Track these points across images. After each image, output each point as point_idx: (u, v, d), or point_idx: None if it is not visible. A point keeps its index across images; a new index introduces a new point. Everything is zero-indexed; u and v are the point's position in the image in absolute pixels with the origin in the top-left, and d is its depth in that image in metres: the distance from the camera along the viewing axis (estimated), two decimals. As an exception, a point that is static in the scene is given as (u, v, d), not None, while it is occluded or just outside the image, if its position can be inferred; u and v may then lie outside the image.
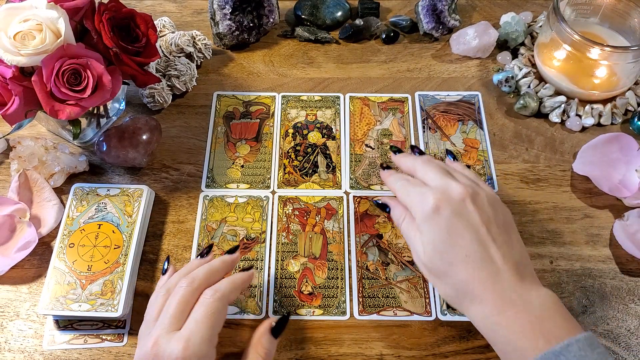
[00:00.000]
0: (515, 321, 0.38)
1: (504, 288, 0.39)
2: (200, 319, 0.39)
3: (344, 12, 0.69)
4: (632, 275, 0.51)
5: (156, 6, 0.73)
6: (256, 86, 0.64)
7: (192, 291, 0.40)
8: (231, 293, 0.41)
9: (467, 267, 0.40)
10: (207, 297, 0.40)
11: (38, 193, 0.55)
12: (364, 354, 0.47)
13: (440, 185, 0.43)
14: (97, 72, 0.47)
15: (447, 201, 0.41)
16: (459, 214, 0.41)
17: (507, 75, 0.62)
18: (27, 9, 0.46)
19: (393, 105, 0.62)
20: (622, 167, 0.56)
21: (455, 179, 0.44)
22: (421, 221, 0.42)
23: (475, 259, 0.40)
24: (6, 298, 0.50)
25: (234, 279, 0.42)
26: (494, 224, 0.41)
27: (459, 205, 0.41)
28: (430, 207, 0.41)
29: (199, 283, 0.41)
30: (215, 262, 0.44)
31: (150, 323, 0.40)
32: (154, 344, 0.38)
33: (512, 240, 0.42)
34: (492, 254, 0.40)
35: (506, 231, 0.42)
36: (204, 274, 0.42)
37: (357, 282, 0.51)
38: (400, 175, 0.48)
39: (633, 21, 0.61)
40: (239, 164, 0.58)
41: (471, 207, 0.41)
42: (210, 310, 0.39)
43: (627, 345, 0.47)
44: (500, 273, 0.39)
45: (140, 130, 0.55)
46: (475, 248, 0.40)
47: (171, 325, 0.39)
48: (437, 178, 0.44)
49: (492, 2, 0.73)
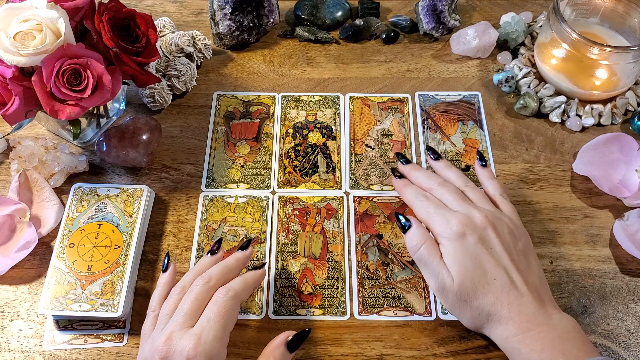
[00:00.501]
0: (537, 340, 0.40)
1: (529, 311, 0.41)
2: (212, 317, 0.39)
3: (344, 12, 0.69)
4: (632, 275, 0.51)
5: (156, 6, 0.73)
6: (256, 86, 0.64)
7: (207, 289, 0.41)
8: (244, 292, 0.42)
9: (494, 290, 0.42)
10: (221, 295, 0.41)
11: (38, 193, 0.55)
12: (364, 354, 0.47)
13: (463, 211, 0.45)
14: (97, 72, 0.47)
15: (471, 228, 0.43)
16: (483, 240, 0.43)
17: (507, 75, 0.62)
18: (27, 9, 0.46)
19: (393, 105, 0.62)
20: (622, 167, 0.56)
21: (475, 206, 0.45)
22: (448, 244, 0.43)
23: (501, 283, 0.42)
24: (6, 298, 0.50)
25: (247, 278, 0.43)
26: (514, 250, 0.44)
27: (483, 232, 0.43)
28: (456, 232, 0.43)
29: (215, 282, 0.42)
30: (229, 260, 0.44)
31: (163, 319, 0.41)
32: (167, 339, 0.38)
33: (531, 265, 0.44)
34: (515, 279, 0.42)
35: (526, 257, 0.44)
36: (219, 272, 0.43)
37: (357, 282, 0.51)
38: (417, 189, 0.49)
39: (633, 21, 0.61)
40: (239, 164, 0.58)
41: (493, 235, 0.43)
42: (223, 309, 0.40)
43: (627, 345, 0.47)
44: (523, 297, 0.42)
45: (140, 130, 0.55)
46: (500, 273, 0.42)
47: (185, 322, 0.39)
48: (456, 204, 0.46)
49: (492, 2, 0.73)
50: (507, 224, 0.45)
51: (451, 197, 0.47)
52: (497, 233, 0.44)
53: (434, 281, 0.44)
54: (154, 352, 0.38)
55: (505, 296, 0.41)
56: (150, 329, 0.42)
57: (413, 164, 0.52)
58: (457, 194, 0.47)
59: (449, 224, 0.44)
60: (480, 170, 0.51)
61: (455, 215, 0.44)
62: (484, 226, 0.44)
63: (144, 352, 0.40)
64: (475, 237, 0.43)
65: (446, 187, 0.48)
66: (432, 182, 0.49)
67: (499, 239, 0.43)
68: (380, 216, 0.54)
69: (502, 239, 0.44)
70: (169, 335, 0.38)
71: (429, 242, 0.44)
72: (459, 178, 0.50)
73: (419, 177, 0.50)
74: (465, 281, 0.42)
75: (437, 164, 0.52)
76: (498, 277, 0.42)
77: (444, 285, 0.43)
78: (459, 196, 0.47)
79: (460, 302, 0.43)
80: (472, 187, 0.49)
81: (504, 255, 0.43)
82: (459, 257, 0.43)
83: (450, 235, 0.43)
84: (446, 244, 0.43)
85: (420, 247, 0.44)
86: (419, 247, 0.44)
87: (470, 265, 0.42)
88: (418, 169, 0.51)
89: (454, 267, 0.42)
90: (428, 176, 0.50)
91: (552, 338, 0.39)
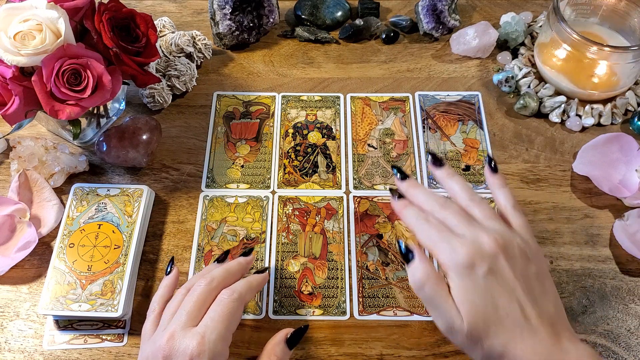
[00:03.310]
0: None
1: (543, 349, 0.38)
2: (216, 317, 0.40)
3: (344, 12, 0.69)
4: (632, 275, 0.51)
5: (156, 6, 0.73)
6: (256, 86, 0.64)
7: (209, 290, 0.41)
8: (247, 294, 0.42)
9: (506, 328, 0.38)
10: (225, 296, 0.41)
11: (38, 193, 0.55)
12: (364, 354, 0.47)
13: (470, 237, 0.40)
14: (97, 72, 0.47)
15: (480, 257, 0.39)
16: (494, 271, 0.39)
17: (507, 75, 0.62)
18: (27, 9, 0.46)
19: (394, 104, 0.62)
20: (622, 167, 0.56)
21: (483, 228, 0.41)
22: (455, 278, 0.39)
23: (514, 319, 0.38)
24: (6, 298, 0.50)
25: (250, 280, 0.43)
26: (527, 277, 0.40)
27: (493, 261, 0.39)
28: (464, 263, 0.39)
29: (217, 283, 0.42)
30: (231, 264, 0.45)
31: (165, 320, 0.41)
32: (169, 338, 0.38)
33: (546, 291, 0.40)
34: (528, 313, 0.38)
35: (540, 282, 0.40)
36: (221, 274, 0.43)
37: (357, 282, 0.51)
38: (417, 212, 0.43)
39: (633, 21, 0.61)
40: (239, 164, 0.58)
41: (504, 262, 0.39)
42: (227, 309, 0.40)
43: (627, 345, 0.47)
44: (537, 333, 0.38)
45: (140, 130, 0.55)
46: (513, 307, 0.38)
47: (188, 321, 0.39)
48: (462, 227, 0.41)
49: (492, 2, 0.73)
50: (519, 246, 0.40)
51: (455, 220, 0.42)
52: (509, 259, 0.39)
53: (442, 321, 0.39)
54: (157, 351, 0.38)
55: (518, 334, 0.38)
56: (151, 330, 0.42)
57: (411, 181, 0.46)
58: (461, 216, 0.42)
59: (456, 254, 0.39)
60: (490, 177, 0.45)
61: (462, 242, 0.39)
62: (494, 253, 0.39)
63: (145, 352, 0.40)
64: (485, 267, 0.38)
65: (449, 208, 0.43)
66: (434, 204, 0.44)
67: (510, 266, 0.39)
68: (380, 216, 0.54)
69: (514, 265, 0.39)
70: (171, 334, 0.39)
71: (434, 279, 0.40)
72: (463, 189, 0.45)
73: (419, 197, 0.45)
74: (476, 321, 0.38)
75: (439, 173, 0.47)
76: (510, 312, 0.38)
77: (453, 326, 0.39)
78: (463, 218, 0.42)
79: (471, 343, 0.39)
80: (478, 202, 0.44)
81: (516, 285, 0.39)
82: (469, 293, 0.38)
83: (458, 267, 0.39)
84: (454, 277, 0.39)
85: (424, 285, 0.39)
86: (423, 286, 0.40)
87: (481, 303, 0.38)
88: (417, 186, 0.46)
89: (463, 305, 0.38)
90: (428, 196, 0.44)
91: None
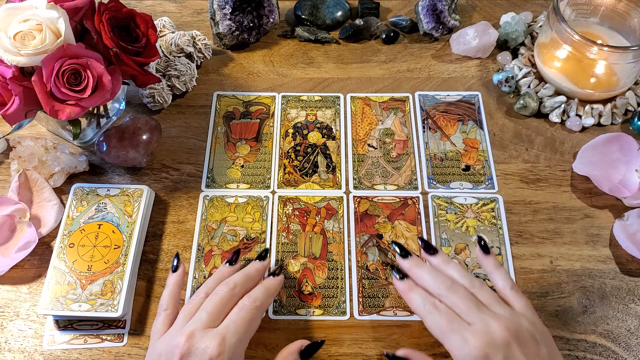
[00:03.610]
0: None
1: None
2: (238, 321, 0.40)
3: (344, 12, 0.69)
4: (632, 275, 0.51)
5: (156, 6, 0.73)
6: (256, 86, 0.64)
7: (231, 296, 0.42)
8: (266, 302, 0.44)
9: None
10: (247, 303, 0.42)
11: (38, 193, 0.55)
12: (364, 354, 0.47)
13: (480, 326, 0.39)
14: (97, 72, 0.47)
15: (494, 347, 0.38)
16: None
17: (507, 75, 0.62)
18: (27, 9, 0.46)
19: (394, 104, 0.62)
20: (622, 167, 0.56)
21: (492, 315, 0.40)
22: None
23: None
24: (6, 298, 0.50)
25: (268, 287, 0.44)
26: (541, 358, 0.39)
27: (506, 350, 0.38)
28: (477, 355, 0.38)
29: (239, 289, 0.43)
30: (250, 269, 0.45)
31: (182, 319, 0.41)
32: (188, 337, 0.39)
33: None
34: None
35: None
36: (242, 280, 0.44)
37: (357, 282, 0.51)
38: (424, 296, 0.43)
39: (633, 21, 0.61)
40: (239, 164, 0.58)
41: (517, 350, 0.38)
42: (249, 316, 0.41)
43: (627, 345, 0.47)
44: None
45: (140, 130, 0.55)
46: None
47: (208, 322, 0.40)
48: (471, 314, 0.40)
49: (492, 2, 0.73)
50: (528, 330, 0.40)
51: (464, 306, 0.41)
52: (521, 346, 0.38)
53: None
54: (173, 349, 0.38)
55: None
56: (162, 328, 0.42)
57: (414, 259, 0.45)
58: (470, 301, 0.41)
59: (469, 346, 0.38)
60: (483, 259, 0.45)
61: (474, 333, 0.39)
62: (507, 342, 0.38)
63: (157, 349, 0.40)
64: (500, 358, 0.38)
65: (456, 292, 0.42)
66: (440, 286, 0.42)
67: (523, 352, 0.38)
68: (380, 216, 0.54)
69: (528, 352, 0.38)
70: (191, 333, 0.39)
71: None
72: (462, 277, 0.44)
73: (424, 278, 0.44)
74: None
75: (435, 260, 0.46)
76: None
77: None
78: (472, 303, 0.41)
79: None
80: (480, 286, 0.43)
81: None
82: None
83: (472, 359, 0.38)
84: None
85: None
86: None
87: None
88: (420, 265, 0.45)
89: None
90: (434, 277, 0.43)
91: None
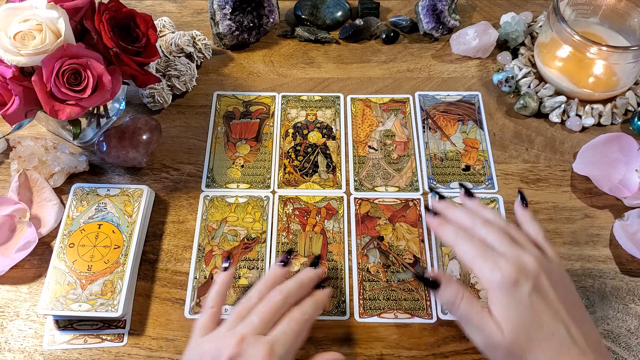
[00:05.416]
0: None
1: None
2: (288, 332, 0.40)
3: (344, 12, 0.69)
4: (632, 275, 0.51)
5: (156, 6, 0.73)
6: (256, 86, 0.64)
7: (284, 304, 0.42)
8: (315, 315, 0.43)
9: (552, 347, 0.38)
10: (297, 315, 0.42)
11: (38, 193, 0.55)
12: (364, 354, 0.47)
13: (513, 256, 0.40)
14: (97, 72, 0.47)
15: (525, 275, 0.39)
16: (538, 290, 0.39)
17: (507, 75, 0.62)
18: (27, 9, 0.46)
19: (395, 106, 0.62)
20: (622, 167, 0.56)
21: (524, 249, 0.41)
22: (498, 293, 0.39)
23: (560, 338, 0.38)
24: (6, 298, 0.50)
25: (317, 300, 0.44)
26: (569, 302, 0.40)
27: (537, 280, 0.39)
28: (509, 280, 0.39)
29: (292, 299, 0.43)
30: (303, 277, 0.45)
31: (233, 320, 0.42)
32: (240, 340, 0.39)
33: (586, 319, 0.40)
34: (574, 334, 0.38)
35: (580, 309, 0.41)
36: (295, 289, 0.43)
37: (358, 284, 0.51)
38: (457, 228, 0.44)
39: (633, 21, 0.61)
40: (239, 164, 0.58)
41: (546, 283, 0.39)
42: (298, 328, 0.41)
43: (627, 345, 0.47)
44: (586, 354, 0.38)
45: (140, 130, 0.55)
46: (559, 327, 0.38)
47: (259, 328, 0.40)
48: (504, 245, 0.41)
49: (492, 2, 0.73)
50: (558, 272, 0.41)
51: (497, 238, 0.42)
52: (551, 281, 0.39)
53: (481, 337, 0.39)
54: (223, 349, 0.39)
55: (565, 353, 0.37)
56: (209, 325, 0.43)
57: (449, 200, 0.48)
58: (503, 234, 0.42)
59: (500, 270, 0.39)
60: (520, 211, 0.46)
61: (507, 259, 0.40)
62: (538, 273, 0.39)
63: (203, 347, 0.41)
64: (530, 285, 0.39)
65: (490, 226, 0.43)
66: (475, 220, 0.44)
67: (553, 288, 0.39)
68: (381, 218, 0.54)
69: (556, 287, 0.40)
70: (242, 337, 0.39)
71: (466, 296, 0.40)
72: (497, 218, 0.45)
73: (459, 215, 0.45)
74: (519, 336, 0.38)
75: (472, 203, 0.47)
76: (556, 331, 0.38)
77: (493, 340, 0.38)
78: (506, 236, 0.42)
79: (513, 358, 0.38)
80: (515, 229, 0.44)
81: (560, 306, 0.39)
82: (513, 308, 0.38)
83: (502, 282, 0.39)
84: (496, 292, 0.39)
85: (456, 303, 0.40)
86: (455, 303, 0.40)
87: (526, 318, 0.38)
88: (456, 206, 0.47)
89: (505, 319, 0.38)
90: (469, 214, 0.45)
91: None
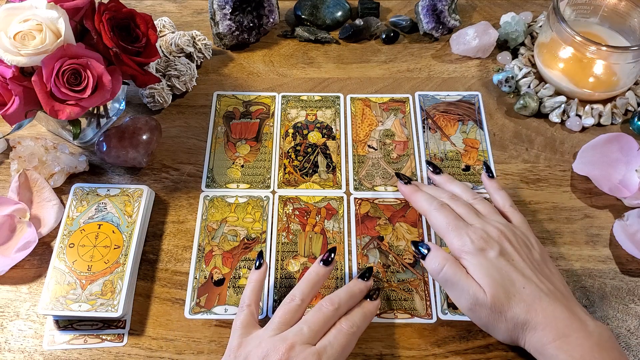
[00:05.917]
0: (576, 347, 0.39)
1: (564, 316, 0.41)
2: (336, 344, 0.41)
3: (344, 12, 0.69)
4: (632, 275, 0.51)
5: (156, 6, 0.73)
6: (256, 86, 0.64)
7: (334, 315, 0.43)
8: (363, 327, 0.44)
9: (526, 298, 0.41)
10: (346, 327, 0.42)
11: (38, 193, 0.55)
12: (364, 354, 0.47)
13: (479, 226, 0.45)
14: (97, 72, 0.47)
15: (489, 242, 0.44)
16: (503, 253, 0.44)
17: (507, 75, 0.62)
18: (27, 9, 0.46)
19: (394, 105, 0.62)
20: (622, 167, 0.56)
21: (488, 220, 0.46)
22: (471, 258, 0.43)
23: (531, 290, 0.42)
24: (6, 298, 0.50)
25: (366, 312, 0.44)
26: (533, 260, 0.44)
27: (501, 246, 0.44)
28: (476, 246, 0.44)
29: (342, 310, 0.43)
30: (354, 289, 0.45)
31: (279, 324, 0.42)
32: (290, 348, 0.39)
33: (553, 274, 0.44)
34: (542, 287, 0.42)
35: (546, 265, 0.45)
36: (346, 300, 0.44)
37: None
38: (429, 197, 0.49)
39: (633, 21, 0.61)
40: (239, 164, 0.58)
41: (510, 247, 0.44)
42: (346, 340, 0.42)
43: (627, 345, 0.47)
44: (555, 303, 0.41)
45: (140, 130, 0.55)
46: (528, 281, 0.42)
47: (308, 337, 0.41)
48: (470, 217, 0.47)
49: (492, 2, 0.73)
50: (520, 237, 0.46)
51: (464, 211, 0.47)
52: (514, 246, 0.44)
53: (465, 298, 0.43)
54: (272, 352, 0.39)
55: (538, 303, 0.41)
56: (250, 323, 0.43)
57: (416, 182, 0.52)
58: (469, 208, 0.48)
59: (470, 239, 0.44)
60: (487, 181, 0.51)
61: (474, 230, 0.45)
62: (501, 240, 0.44)
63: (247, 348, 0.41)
64: (496, 250, 0.43)
65: (457, 200, 0.48)
66: (442, 196, 0.49)
67: (516, 251, 0.44)
68: (381, 218, 0.54)
69: (519, 251, 0.44)
70: (292, 345, 0.40)
71: (451, 260, 0.44)
72: (464, 191, 0.50)
73: (428, 190, 0.50)
74: (497, 292, 0.41)
75: (440, 178, 0.52)
76: (527, 285, 0.42)
77: (477, 299, 0.42)
78: (471, 210, 0.47)
79: (495, 314, 0.42)
80: (480, 200, 0.49)
81: (525, 266, 0.43)
82: (486, 269, 0.42)
83: (472, 250, 0.44)
84: (469, 258, 0.44)
85: (443, 267, 0.44)
86: (443, 267, 0.44)
87: (499, 277, 0.42)
88: (423, 186, 0.52)
89: (483, 279, 0.42)
90: (437, 191, 0.50)
91: (590, 345, 0.39)
